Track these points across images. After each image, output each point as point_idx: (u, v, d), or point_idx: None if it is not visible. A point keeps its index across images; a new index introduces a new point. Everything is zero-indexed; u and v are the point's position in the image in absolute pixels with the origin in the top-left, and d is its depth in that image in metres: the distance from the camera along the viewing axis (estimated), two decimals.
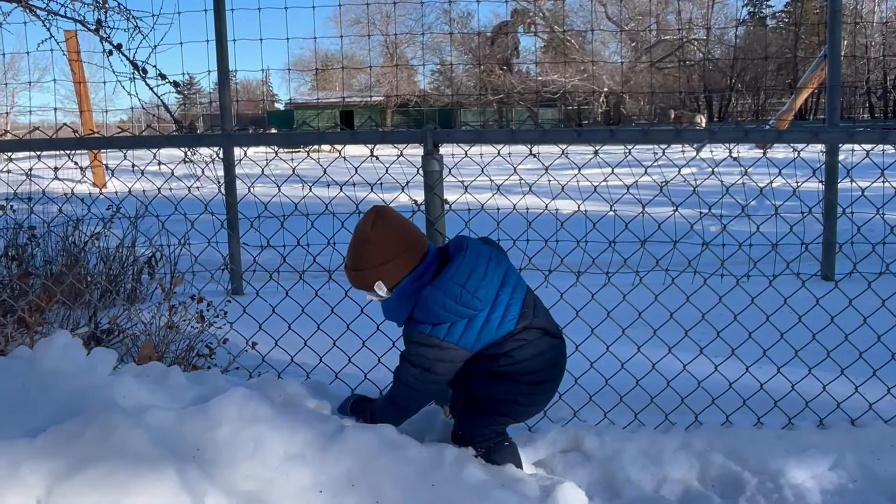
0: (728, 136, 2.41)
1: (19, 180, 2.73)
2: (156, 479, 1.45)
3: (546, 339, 2.12)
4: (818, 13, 39.25)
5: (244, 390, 1.83)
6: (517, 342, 2.06)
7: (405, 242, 2.05)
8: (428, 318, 2.01)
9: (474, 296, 1.98)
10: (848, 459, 2.30)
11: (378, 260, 2.02)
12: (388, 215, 2.07)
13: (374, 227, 2.03)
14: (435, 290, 1.99)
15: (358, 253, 2.06)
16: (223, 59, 4.62)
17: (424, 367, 2.04)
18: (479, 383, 2.11)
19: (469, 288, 1.98)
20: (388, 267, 2.03)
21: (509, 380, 2.08)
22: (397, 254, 2.03)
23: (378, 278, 2.04)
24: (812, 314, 2.64)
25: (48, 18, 3.69)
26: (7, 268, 3.69)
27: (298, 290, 3.00)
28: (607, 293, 2.70)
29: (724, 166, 2.80)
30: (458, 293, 1.97)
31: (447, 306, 1.98)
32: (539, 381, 2.12)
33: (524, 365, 2.07)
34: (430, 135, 2.40)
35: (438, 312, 1.99)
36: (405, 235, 2.06)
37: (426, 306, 2.00)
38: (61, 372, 1.81)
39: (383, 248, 2.02)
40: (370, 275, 2.04)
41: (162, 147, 2.54)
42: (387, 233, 2.03)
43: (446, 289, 1.98)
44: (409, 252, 2.04)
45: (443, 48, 40.97)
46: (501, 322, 2.05)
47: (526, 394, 2.11)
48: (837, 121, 4.63)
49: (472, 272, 2.01)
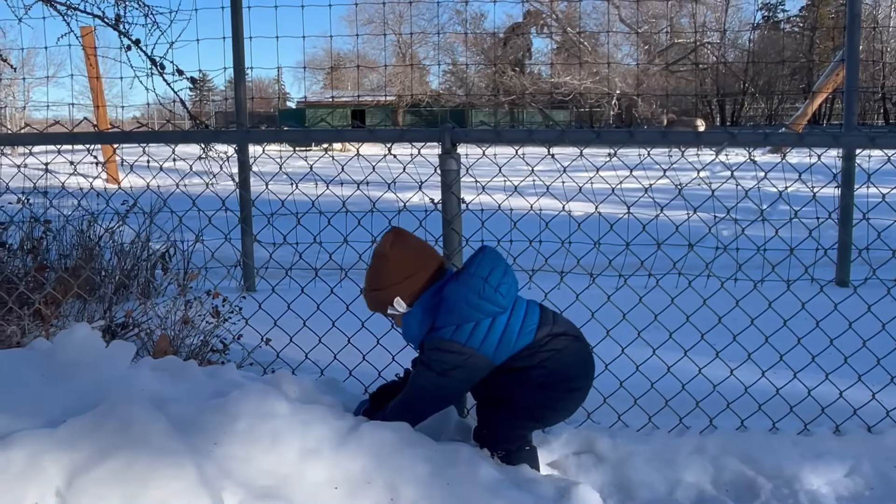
0: (748, 140, 2.40)
1: (33, 174, 2.74)
2: (175, 472, 1.46)
3: (575, 344, 2.13)
4: (833, 18, 39.00)
5: (261, 385, 1.84)
6: (547, 353, 2.06)
7: (422, 259, 2.10)
8: (450, 319, 2.01)
9: (497, 290, 1.99)
10: (864, 466, 2.28)
11: (398, 277, 2.07)
12: (405, 234, 2.12)
13: (392, 245, 2.08)
14: (458, 285, 2.01)
15: (377, 272, 2.11)
16: (239, 56, 4.64)
17: (442, 372, 2.02)
18: (513, 390, 2.09)
19: (492, 281, 1.99)
20: (408, 283, 2.07)
21: (547, 388, 2.08)
22: (416, 269, 2.07)
23: (397, 295, 2.07)
24: (828, 319, 2.62)
25: (68, 13, 3.72)
26: (23, 260, 3.72)
27: (311, 287, 3.01)
28: (622, 295, 2.69)
29: (736, 170, 2.79)
30: (480, 286, 1.98)
31: (470, 301, 1.98)
32: (574, 389, 2.12)
33: (560, 374, 2.07)
34: (448, 134, 2.40)
35: (462, 308, 1.99)
36: (422, 253, 2.11)
37: (448, 305, 2.00)
38: (81, 363, 1.82)
39: (402, 265, 2.07)
40: (391, 292, 2.07)
41: (180, 143, 2.55)
42: (405, 250, 2.08)
43: (469, 283, 2.00)
44: (427, 268, 2.09)
45: (455, 48, 40.96)
46: (521, 330, 2.05)
47: (561, 399, 2.12)
48: (855, 125, 4.59)
49: (494, 268, 2.03)
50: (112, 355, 1.89)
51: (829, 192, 2.87)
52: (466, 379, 2.05)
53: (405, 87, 36.97)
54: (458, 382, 2.05)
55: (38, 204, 3.82)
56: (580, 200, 2.65)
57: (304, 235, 2.75)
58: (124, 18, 3.80)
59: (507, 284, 2.03)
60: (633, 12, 34.18)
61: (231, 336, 2.95)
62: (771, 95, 38.89)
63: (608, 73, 31.87)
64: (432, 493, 1.77)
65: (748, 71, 36.45)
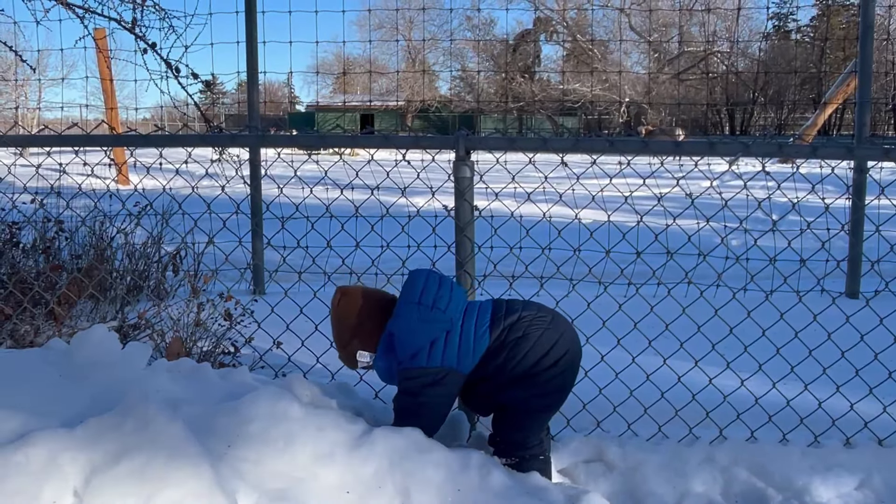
0: (761, 151, 2.40)
1: (44, 174, 2.76)
2: (191, 473, 1.47)
3: (536, 323, 2.11)
4: (844, 28, 38.91)
5: (275, 388, 1.86)
6: (511, 345, 2.06)
7: (366, 307, 2.14)
8: (404, 350, 2.04)
9: (433, 307, 2.03)
10: (875, 480, 2.28)
11: (350, 332, 2.14)
12: (348, 291, 2.19)
13: (339, 304, 2.16)
14: (396, 319, 2.06)
15: (335, 334, 2.20)
16: (252, 60, 4.67)
17: (417, 394, 2.04)
18: (502, 392, 2.10)
19: (425, 301, 2.04)
20: (361, 334, 2.13)
21: (528, 377, 2.07)
22: (363, 318, 2.13)
23: (358, 348, 2.13)
24: (840, 331, 2.62)
25: (85, 16, 3.76)
26: (35, 260, 3.75)
27: (322, 291, 3.02)
28: (633, 304, 2.69)
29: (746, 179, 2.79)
30: (415, 310, 2.03)
31: (412, 327, 2.03)
32: (554, 364, 2.08)
33: (533, 358, 2.06)
34: (462, 141, 2.41)
35: (409, 338, 2.03)
36: (365, 301, 2.16)
37: (399, 339, 2.05)
38: (98, 364, 1.84)
39: (349, 320, 2.14)
40: (352, 347, 2.14)
41: (196, 146, 2.57)
42: (348, 305, 2.15)
43: (403, 311, 2.05)
44: (373, 314, 2.13)
45: (465, 54, 41.05)
46: (475, 335, 2.06)
47: (549, 380, 2.08)
48: (867, 136, 4.58)
49: (424, 288, 2.07)
50: (128, 356, 1.91)
51: (840, 202, 2.87)
52: (442, 395, 2.06)
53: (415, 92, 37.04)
54: (435, 400, 2.06)
55: (50, 204, 3.86)
56: (592, 208, 2.65)
57: (315, 239, 2.76)
58: (140, 22, 3.84)
59: (443, 298, 2.06)
60: (643, 20, 34.20)
61: (243, 339, 2.97)
62: (781, 105, 38.79)
63: (618, 81, 31.86)
64: (444, 498, 1.78)
65: (758, 80, 36.38)
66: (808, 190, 2.57)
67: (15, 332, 2.90)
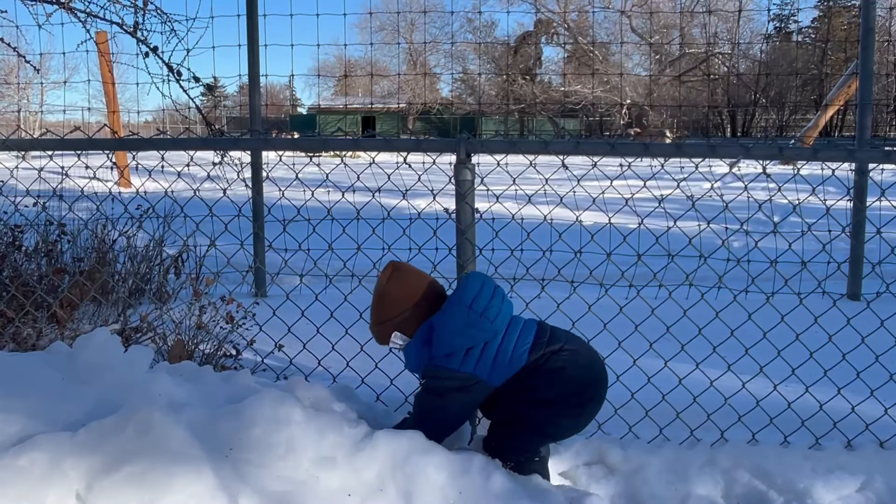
0: (762, 153, 2.40)
1: (47, 177, 2.77)
2: (193, 477, 1.47)
3: (578, 359, 2.10)
4: (846, 29, 38.88)
5: (276, 392, 1.86)
6: (549, 371, 2.05)
7: (419, 293, 2.11)
8: (441, 348, 2.03)
9: (483, 315, 2.01)
10: (877, 482, 2.28)
11: (394, 312, 2.10)
12: (403, 269, 2.15)
13: (389, 280, 2.12)
14: (442, 316, 2.04)
15: (377, 308, 2.15)
16: (254, 63, 4.68)
17: (441, 395, 2.04)
18: (522, 408, 2.08)
19: (476, 307, 2.02)
20: (405, 317, 2.09)
21: (554, 405, 2.07)
22: (412, 304, 2.10)
23: (395, 329, 2.11)
24: (841, 333, 2.62)
25: (87, 20, 3.77)
26: (38, 263, 3.76)
27: (323, 294, 3.02)
28: (634, 306, 2.69)
29: (748, 181, 2.79)
30: (465, 313, 2.01)
31: (456, 329, 2.01)
32: (582, 403, 2.10)
33: (566, 391, 2.06)
34: (463, 144, 2.42)
35: (450, 338, 2.02)
36: (419, 286, 2.13)
37: (438, 335, 2.03)
38: (100, 367, 1.84)
39: (398, 300, 2.10)
40: (388, 327, 2.12)
41: (198, 149, 2.58)
42: (401, 286, 2.12)
43: (452, 311, 2.03)
44: (424, 301, 2.11)
45: (466, 56, 41.09)
46: (513, 352, 2.04)
47: (571, 415, 2.10)
48: (868, 138, 4.58)
49: (478, 294, 2.05)
50: (130, 360, 1.92)
51: (841, 204, 2.87)
52: (466, 402, 2.06)
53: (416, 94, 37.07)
54: (458, 405, 2.06)
55: (52, 207, 3.87)
56: (593, 211, 2.66)
57: (316, 242, 2.76)
58: (142, 26, 3.85)
59: (493, 308, 2.04)
60: (644, 22, 34.21)
61: (244, 342, 2.97)
62: (782, 106, 38.78)
63: (619, 83, 31.87)
64: (445, 501, 1.78)
65: (759, 82, 36.37)
66: (809, 192, 2.57)
67: (17, 335, 2.91)
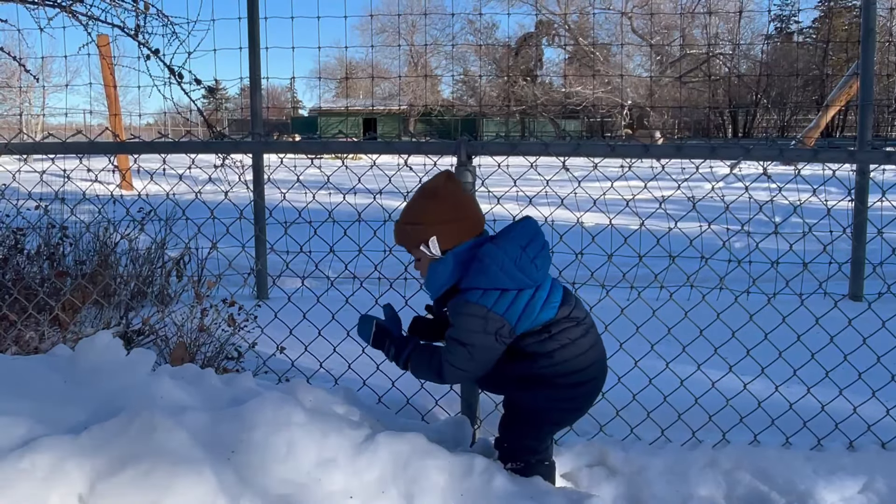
0: (762, 154, 2.40)
1: (49, 180, 2.78)
2: (195, 480, 1.48)
3: (584, 339, 2.04)
4: (847, 30, 38.87)
5: (278, 394, 1.86)
6: (556, 342, 1.98)
7: (470, 209, 2.03)
8: (478, 280, 1.92)
9: (532, 262, 1.93)
10: (878, 483, 2.28)
11: (442, 217, 1.97)
12: (458, 180, 2.06)
13: (447, 182, 2.01)
14: (496, 248, 1.93)
15: (422, 207, 2.00)
16: (255, 65, 4.70)
17: (470, 336, 1.92)
18: (519, 391, 2.05)
19: (529, 252, 1.93)
20: (451, 227, 1.97)
21: (548, 384, 2.00)
22: (462, 217, 1.99)
23: (436, 235, 1.96)
24: (842, 334, 2.62)
25: (89, 23, 3.78)
26: (40, 266, 3.77)
27: (324, 296, 3.03)
28: (636, 308, 2.70)
29: (749, 182, 2.80)
30: (518, 254, 1.92)
31: (504, 266, 1.90)
32: (579, 383, 2.03)
33: (564, 366, 1.99)
34: (463, 146, 2.42)
35: (495, 273, 1.91)
36: (471, 203, 2.05)
37: (481, 266, 1.92)
38: (103, 370, 1.85)
39: (450, 207, 1.98)
40: (429, 231, 1.97)
41: (200, 152, 2.59)
42: (457, 193, 2.02)
43: (507, 248, 1.92)
44: (472, 220, 2.01)
45: (467, 58, 41.14)
46: (545, 305, 1.97)
47: (567, 398, 2.04)
48: (869, 139, 4.59)
49: (533, 239, 1.97)
50: (132, 362, 1.92)
51: (842, 204, 2.87)
52: (490, 349, 1.94)
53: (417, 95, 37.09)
54: (483, 350, 1.93)
55: (54, 209, 3.88)
56: (594, 212, 2.66)
57: (317, 244, 2.77)
58: (144, 28, 3.86)
59: (542, 258, 1.97)
60: (645, 23, 34.20)
61: (246, 344, 2.98)
62: (784, 107, 38.76)
63: (620, 84, 31.88)
64: (447, 503, 1.78)
65: (761, 82, 36.37)
66: (811, 192, 2.57)
67: (20, 338, 2.91)
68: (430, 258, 2.00)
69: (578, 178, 2.54)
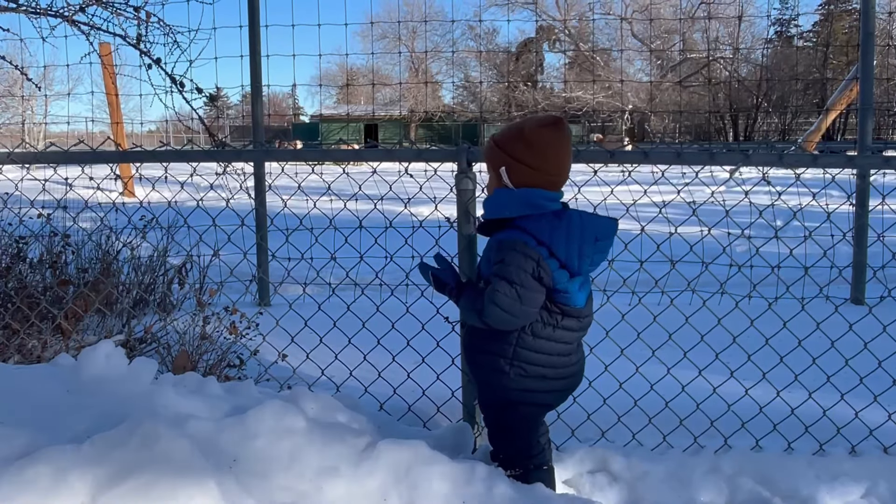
0: (762, 160, 2.41)
1: (51, 188, 2.79)
2: (197, 489, 1.48)
3: (573, 346, 2.07)
4: (847, 33, 38.91)
5: (280, 402, 1.86)
6: (554, 331, 1.99)
7: (553, 166, 1.95)
8: (542, 231, 1.91)
9: (592, 255, 1.95)
10: (881, 488, 2.27)
11: (520, 156, 1.93)
12: (564, 135, 1.97)
13: (542, 128, 1.94)
14: (579, 221, 1.93)
15: (511, 136, 1.97)
16: (256, 73, 4.72)
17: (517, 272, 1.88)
18: (493, 373, 2.04)
19: (598, 246, 1.96)
20: (523, 169, 1.93)
21: (520, 370, 2.00)
22: (538, 166, 1.93)
23: (506, 166, 1.95)
24: (844, 339, 2.62)
25: (91, 33, 3.80)
26: (42, 275, 3.78)
27: (326, 303, 3.03)
28: (636, 313, 2.70)
29: (750, 186, 2.80)
30: (589, 240, 1.93)
31: (571, 238, 1.90)
32: (546, 377, 2.03)
33: (541, 358, 2.00)
34: (464, 154, 2.43)
35: (559, 238, 1.90)
36: (558, 160, 1.96)
37: (558, 223, 1.91)
38: (105, 380, 1.85)
39: (532, 152, 1.93)
40: (504, 160, 1.95)
41: (202, 161, 2.60)
42: (547, 142, 1.94)
43: (586, 229, 1.94)
44: (550, 176, 1.95)
45: (468, 63, 41.21)
46: (580, 289, 1.99)
47: (537, 389, 2.04)
48: (869, 143, 4.59)
49: (605, 238, 1.99)
50: (135, 371, 1.92)
51: (843, 208, 2.87)
52: (532, 289, 1.89)
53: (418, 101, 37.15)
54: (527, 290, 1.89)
55: (56, 218, 3.89)
56: None
57: (319, 251, 2.77)
58: (145, 37, 3.88)
59: (599, 257, 1.99)
60: (645, 27, 34.28)
61: (248, 352, 2.98)
62: (784, 111, 38.77)
63: (621, 88, 31.91)
64: None
65: (761, 86, 36.39)
66: (811, 197, 2.57)
67: (22, 346, 2.92)
68: (498, 183, 1.99)
69: (578, 184, 2.54)
